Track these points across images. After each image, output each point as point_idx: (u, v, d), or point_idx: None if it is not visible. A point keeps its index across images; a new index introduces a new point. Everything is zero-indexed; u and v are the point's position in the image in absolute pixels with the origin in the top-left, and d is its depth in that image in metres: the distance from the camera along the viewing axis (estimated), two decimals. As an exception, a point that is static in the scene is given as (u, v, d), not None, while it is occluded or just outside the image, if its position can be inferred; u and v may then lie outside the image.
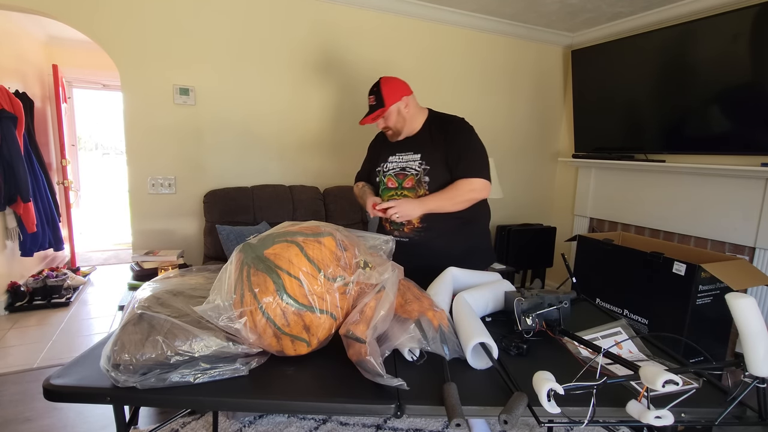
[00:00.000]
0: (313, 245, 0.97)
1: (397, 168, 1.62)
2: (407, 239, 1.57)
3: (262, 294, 0.89)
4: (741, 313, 0.78)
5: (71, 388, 0.85)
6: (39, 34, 3.84)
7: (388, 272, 1.01)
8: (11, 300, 3.01)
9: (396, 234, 1.59)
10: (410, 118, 1.61)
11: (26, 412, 1.86)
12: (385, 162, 1.66)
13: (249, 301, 0.90)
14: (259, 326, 0.90)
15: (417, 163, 1.57)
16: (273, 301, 0.90)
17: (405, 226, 1.58)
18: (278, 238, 0.98)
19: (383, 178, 1.65)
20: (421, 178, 1.55)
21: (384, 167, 1.66)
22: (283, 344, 0.93)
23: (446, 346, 0.95)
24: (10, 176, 2.87)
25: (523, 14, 3.08)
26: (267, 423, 1.80)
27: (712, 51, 2.46)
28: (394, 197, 1.59)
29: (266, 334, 0.91)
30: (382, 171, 1.66)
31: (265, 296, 0.89)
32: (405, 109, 1.59)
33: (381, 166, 1.67)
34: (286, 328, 0.91)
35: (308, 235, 0.99)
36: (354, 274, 0.99)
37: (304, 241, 0.97)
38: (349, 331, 0.90)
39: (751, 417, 0.82)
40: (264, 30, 2.64)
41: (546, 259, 3.48)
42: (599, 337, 1.08)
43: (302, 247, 0.95)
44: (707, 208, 2.63)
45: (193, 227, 2.62)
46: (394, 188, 1.61)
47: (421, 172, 1.55)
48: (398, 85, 1.59)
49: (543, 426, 0.91)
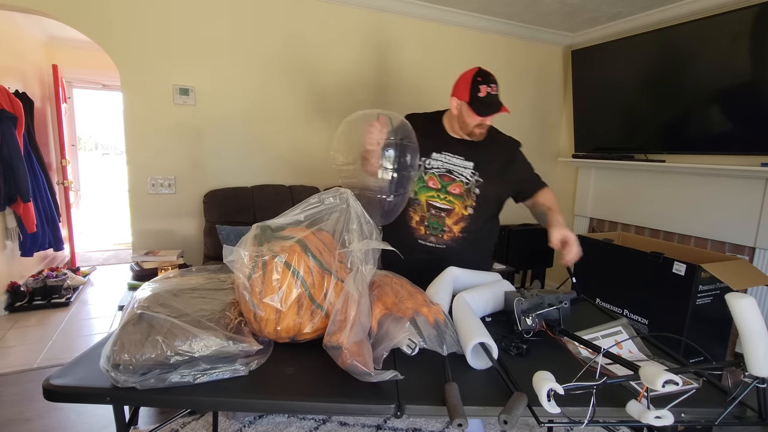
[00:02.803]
0: (313, 239, 1.03)
1: (442, 169, 1.49)
2: (444, 246, 1.48)
3: (289, 255, 0.95)
4: (741, 313, 0.78)
5: (71, 389, 0.85)
6: (39, 34, 3.84)
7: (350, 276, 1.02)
8: (11, 300, 3.01)
9: (432, 240, 1.49)
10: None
11: (26, 412, 1.86)
12: (428, 158, 1.50)
13: (272, 269, 0.95)
14: (285, 290, 0.94)
15: (469, 172, 1.49)
16: (300, 259, 0.95)
17: (445, 234, 1.48)
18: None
19: (424, 174, 1.49)
20: (471, 189, 1.48)
21: (427, 163, 1.50)
22: (302, 315, 0.96)
23: (444, 343, 0.95)
24: (10, 176, 2.87)
25: (523, 14, 3.08)
26: (267, 423, 1.80)
27: (713, 51, 2.46)
28: (433, 198, 1.48)
29: (290, 297, 0.94)
30: (423, 167, 1.50)
31: (292, 256, 0.95)
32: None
33: (422, 161, 1.50)
34: (313, 289, 0.96)
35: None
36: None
37: (306, 237, 1.02)
38: (326, 343, 0.90)
39: (751, 417, 0.82)
40: (264, 30, 2.64)
41: (546, 259, 3.48)
42: (599, 337, 1.08)
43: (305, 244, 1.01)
44: (707, 208, 2.63)
45: (193, 227, 2.62)
46: (435, 189, 1.48)
47: (473, 183, 1.48)
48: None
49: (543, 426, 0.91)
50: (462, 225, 1.49)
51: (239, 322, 0.97)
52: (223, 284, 1.12)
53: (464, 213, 1.48)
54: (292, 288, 0.95)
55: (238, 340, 0.91)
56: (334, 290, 0.99)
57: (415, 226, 1.50)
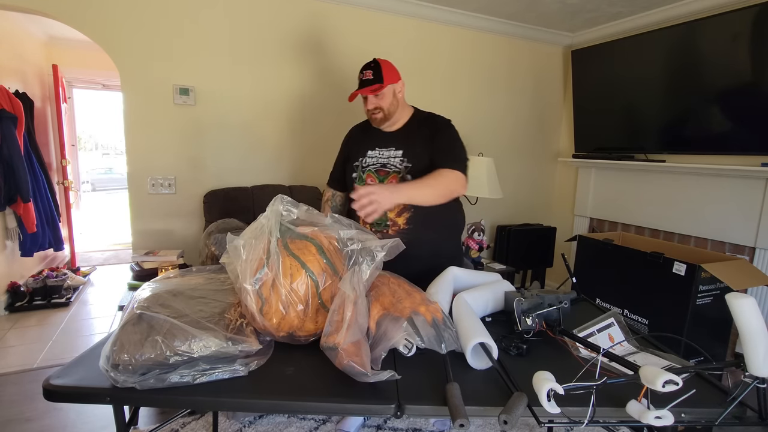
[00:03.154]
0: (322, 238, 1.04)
1: (377, 164, 1.51)
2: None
3: (305, 255, 0.97)
4: (741, 313, 0.78)
5: (71, 389, 0.85)
6: (39, 34, 3.84)
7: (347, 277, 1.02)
8: (11, 300, 3.01)
9: (378, 237, 1.46)
10: (402, 106, 1.54)
11: (26, 412, 1.86)
12: (363, 156, 1.54)
13: (289, 264, 0.96)
14: (297, 289, 0.95)
15: (399, 159, 1.48)
16: (315, 259, 0.97)
17: (390, 228, 1.45)
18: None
19: (362, 174, 1.52)
20: (404, 177, 1.46)
21: (363, 162, 1.53)
22: (308, 314, 0.97)
23: (443, 342, 0.95)
24: (10, 176, 2.87)
25: (523, 14, 3.08)
26: (267, 423, 1.80)
27: (713, 51, 2.45)
28: None
29: (298, 295, 0.95)
30: (360, 166, 1.53)
31: (307, 256, 0.97)
32: (399, 93, 1.52)
33: (359, 161, 1.54)
34: (323, 289, 0.98)
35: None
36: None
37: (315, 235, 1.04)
38: (323, 344, 0.90)
39: (751, 417, 0.82)
40: (264, 30, 2.64)
41: (546, 259, 3.48)
42: (595, 332, 1.09)
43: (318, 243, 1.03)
44: (707, 208, 2.63)
45: (193, 227, 2.62)
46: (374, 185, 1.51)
47: (404, 170, 1.47)
48: (394, 68, 1.52)
49: (543, 426, 0.91)
50: (406, 215, 1.46)
51: (240, 323, 0.97)
52: (223, 285, 1.12)
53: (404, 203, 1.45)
54: (305, 285, 0.96)
55: (237, 341, 0.91)
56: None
57: (362, 226, 1.49)
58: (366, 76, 1.50)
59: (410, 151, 1.49)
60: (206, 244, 2.14)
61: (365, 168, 1.52)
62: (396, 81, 1.51)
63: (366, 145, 1.57)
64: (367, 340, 0.96)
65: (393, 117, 1.53)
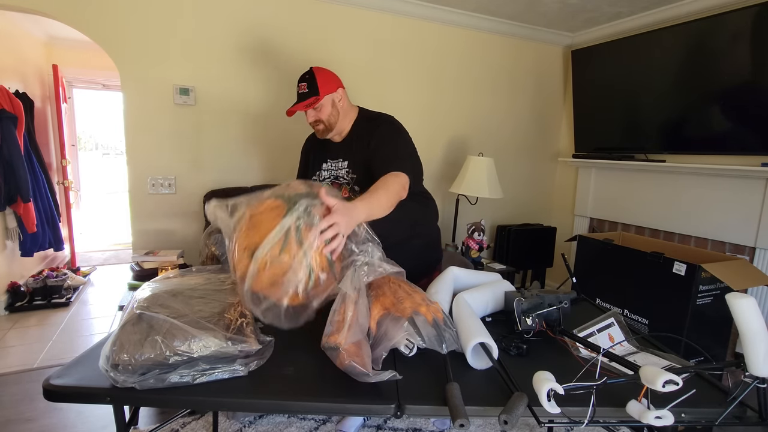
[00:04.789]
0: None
1: (330, 177, 1.47)
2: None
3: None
4: (741, 313, 0.78)
5: (71, 389, 0.85)
6: (39, 34, 3.84)
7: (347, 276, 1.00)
8: (11, 300, 3.01)
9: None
10: (344, 114, 1.46)
11: (26, 412, 1.86)
12: (319, 170, 1.50)
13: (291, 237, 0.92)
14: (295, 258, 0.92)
15: (345, 171, 1.43)
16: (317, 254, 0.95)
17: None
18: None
19: None
20: (353, 188, 1.40)
21: (319, 176, 1.49)
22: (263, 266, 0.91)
23: (444, 342, 0.95)
24: (10, 176, 2.87)
25: (523, 14, 3.08)
26: (267, 423, 1.80)
27: (713, 51, 2.45)
28: None
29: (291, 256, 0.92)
30: (318, 180, 1.49)
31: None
32: (339, 102, 1.44)
33: (316, 175, 1.50)
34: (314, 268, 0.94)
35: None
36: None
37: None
38: (324, 344, 0.90)
39: (751, 417, 0.82)
40: (264, 30, 2.64)
41: (546, 259, 3.48)
42: (595, 332, 1.09)
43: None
44: (707, 208, 2.63)
45: (193, 227, 2.62)
46: None
47: (351, 181, 1.41)
48: (332, 76, 1.44)
49: (543, 426, 0.91)
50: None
51: (240, 323, 0.97)
52: (223, 284, 1.11)
53: None
54: (300, 260, 0.93)
55: (237, 341, 0.91)
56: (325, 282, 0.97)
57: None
58: (301, 89, 1.43)
59: (353, 160, 1.43)
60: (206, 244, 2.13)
61: (322, 181, 1.47)
62: (334, 90, 1.43)
63: (320, 157, 1.53)
64: (368, 340, 0.96)
65: (336, 127, 1.46)
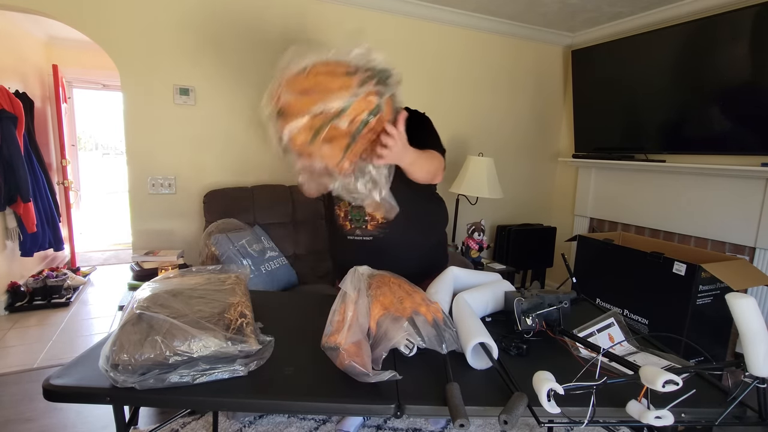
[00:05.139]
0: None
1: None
2: (371, 237, 1.40)
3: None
4: (741, 313, 0.78)
5: (71, 389, 0.85)
6: (39, 34, 3.84)
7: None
8: (11, 300, 3.01)
9: (358, 233, 1.41)
10: None
11: (26, 412, 1.86)
12: None
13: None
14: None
15: None
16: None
17: (368, 223, 1.40)
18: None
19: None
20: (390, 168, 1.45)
21: None
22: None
23: (444, 342, 0.95)
24: (10, 176, 2.87)
25: (523, 14, 3.08)
26: (267, 423, 1.80)
27: (713, 51, 2.45)
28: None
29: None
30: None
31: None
32: None
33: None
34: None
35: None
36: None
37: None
38: (324, 344, 0.90)
39: (751, 417, 0.82)
40: (264, 30, 2.64)
41: (546, 259, 3.48)
42: (595, 332, 1.09)
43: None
44: (707, 208, 2.63)
45: (193, 227, 2.62)
46: None
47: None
48: None
49: (543, 426, 0.91)
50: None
51: (240, 323, 0.97)
52: (223, 284, 1.11)
53: None
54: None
55: (237, 341, 0.91)
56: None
57: (342, 223, 1.46)
58: None
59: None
60: (206, 244, 2.14)
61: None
62: None
63: None
64: (368, 340, 0.96)
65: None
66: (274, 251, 2.29)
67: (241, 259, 2.05)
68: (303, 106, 1.01)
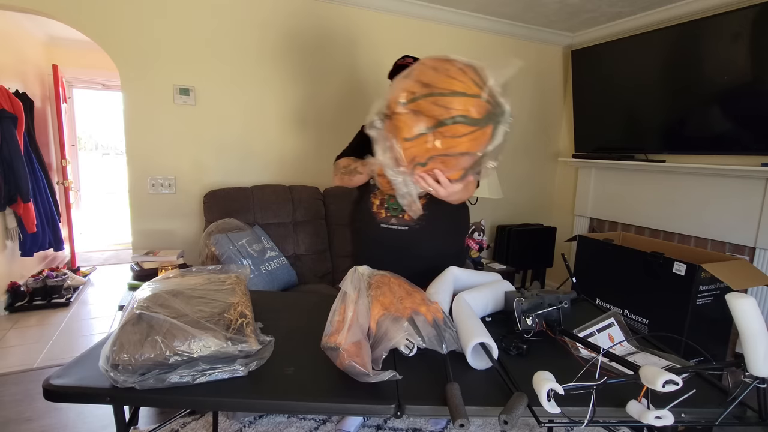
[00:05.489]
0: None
1: None
2: (406, 228, 1.43)
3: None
4: (741, 313, 0.78)
5: (71, 389, 0.85)
6: (39, 34, 3.84)
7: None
8: (11, 300, 3.01)
9: (393, 222, 1.44)
10: None
11: (26, 412, 1.86)
12: None
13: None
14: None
15: None
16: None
17: (406, 213, 1.42)
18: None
19: None
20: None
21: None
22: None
23: (444, 342, 0.95)
24: (10, 176, 2.87)
25: (523, 14, 3.08)
26: (267, 423, 1.80)
27: (713, 51, 2.45)
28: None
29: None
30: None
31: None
32: None
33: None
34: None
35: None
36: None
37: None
38: (324, 344, 0.90)
39: (751, 417, 0.82)
40: (264, 30, 2.64)
41: (546, 259, 3.48)
42: (595, 332, 1.09)
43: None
44: (707, 208, 2.63)
45: (193, 227, 2.62)
46: None
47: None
48: None
49: (543, 426, 0.91)
50: (421, 201, 1.43)
51: (240, 323, 0.97)
52: (224, 284, 1.11)
53: None
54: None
55: (237, 341, 0.91)
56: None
57: (376, 211, 1.48)
58: (408, 61, 1.56)
59: None
60: (206, 244, 2.14)
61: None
62: None
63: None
64: (368, 340, 0.96)
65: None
66: (274, 251, 2.29)
67: (241, 259, 2.05)
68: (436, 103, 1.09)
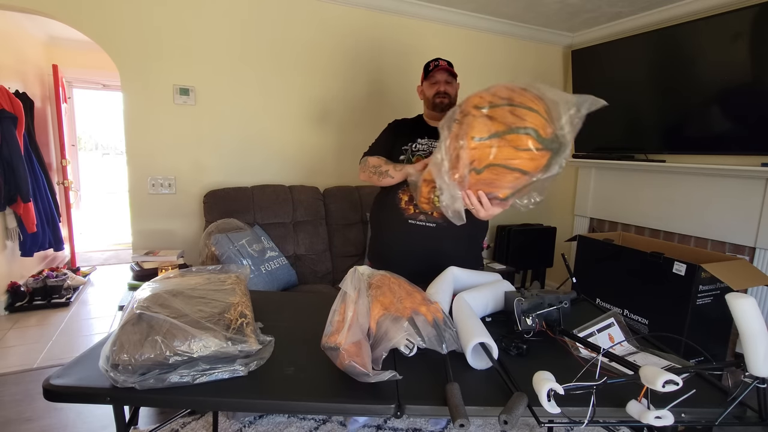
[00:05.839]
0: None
1: (427, 151, 1.55)
2: (434, 224, 1.48)
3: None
4: (741, 314, 0.78)
5: (71, 389, 0.85)
6: (39, 34, 3.84)
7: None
8: (11, 300, 3.01)
9: (422, 218, 1.49)
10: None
11: (26, 412, 1.86)
12: (413, 142, 1.59)
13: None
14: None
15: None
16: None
17: (435, 211, 1.46)
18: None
19: (411, 157, 1.56)
20: None
21: (413, 146, 1.58)
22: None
23: (444, 342, 0.95)
24: (10, 176, 2.87)
25: (523, 14, 3.08)
26: (267, 423, 1.80)
27: (713, 51, 2.45)
28: None
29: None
30: (410, 150, 1.58)
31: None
32: (456, 94, 1.64)
33: (409, 146, 1.59)
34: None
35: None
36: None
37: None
38: (324, 344, 0.90)
39: (751, 417, 0.82)
40: (264, 30, 2.64)
41: (546, 259, 3.48)
42: (595, 332, 1.09)
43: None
44: (707, 208, 2.63)
45: (193, 227, 2.62)
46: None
47: None
48: None
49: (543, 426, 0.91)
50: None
51: (240, 323, 0.97)
52: (224, 284, 1.11)
53: None
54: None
55: (237, 341, 0.91)
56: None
57: (404, 207, 1.53)
58: (442, 65, 1.63)
59: None
60: (206, 244, 2.14)
61: (415, 152, 1.59)
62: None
63: (416, 133, 1.64)
64: (368, 340, 0.96)
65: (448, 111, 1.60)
66: (274, 251, 2.30)
67: (241, 259, 2.05)
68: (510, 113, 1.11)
